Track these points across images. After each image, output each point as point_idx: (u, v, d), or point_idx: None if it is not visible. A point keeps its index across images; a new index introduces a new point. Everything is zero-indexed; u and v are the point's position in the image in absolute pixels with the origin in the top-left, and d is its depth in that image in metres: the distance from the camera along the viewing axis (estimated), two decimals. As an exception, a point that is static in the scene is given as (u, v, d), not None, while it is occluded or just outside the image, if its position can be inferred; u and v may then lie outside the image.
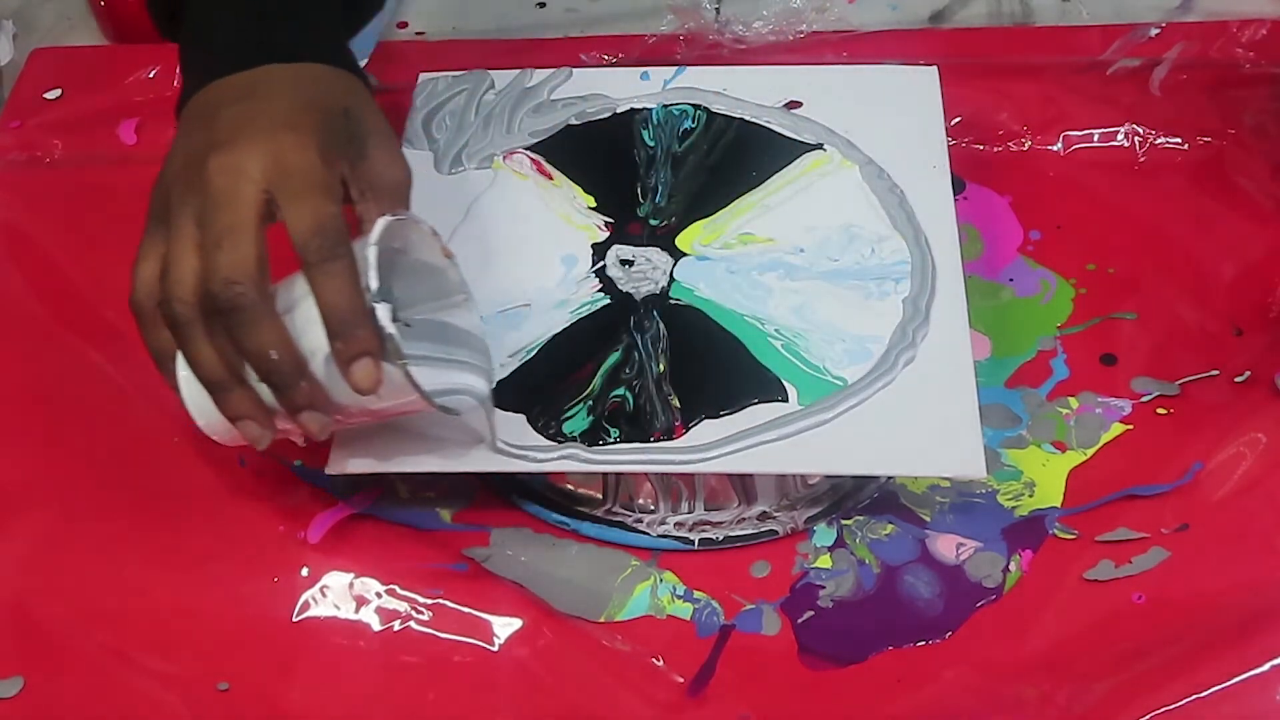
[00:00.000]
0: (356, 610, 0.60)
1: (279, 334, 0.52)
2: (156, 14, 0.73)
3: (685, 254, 0.66)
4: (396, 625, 0.59)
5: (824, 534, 0.61)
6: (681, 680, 0.58)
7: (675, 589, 0.60)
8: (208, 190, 0.53)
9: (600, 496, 0.62)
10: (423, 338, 0.57)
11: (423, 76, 0.74)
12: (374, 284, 0.52)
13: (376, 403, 0.54)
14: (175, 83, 0.76)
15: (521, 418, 0.60)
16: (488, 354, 0.59)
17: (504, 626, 0.59)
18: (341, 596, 0.60)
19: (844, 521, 0.62)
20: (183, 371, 0.55)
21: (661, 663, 0.58)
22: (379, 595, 0.60)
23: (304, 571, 0.60)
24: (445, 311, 0.59)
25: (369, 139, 0.57)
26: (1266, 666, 0.55)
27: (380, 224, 0.54)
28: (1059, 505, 0.61)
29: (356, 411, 0.55)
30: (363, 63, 0.74)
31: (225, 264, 0.51)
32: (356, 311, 0.52)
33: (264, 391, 0.54)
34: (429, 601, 0.60)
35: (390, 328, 0.52)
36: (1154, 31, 0.76)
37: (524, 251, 0.66)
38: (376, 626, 0.59)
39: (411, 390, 0.53)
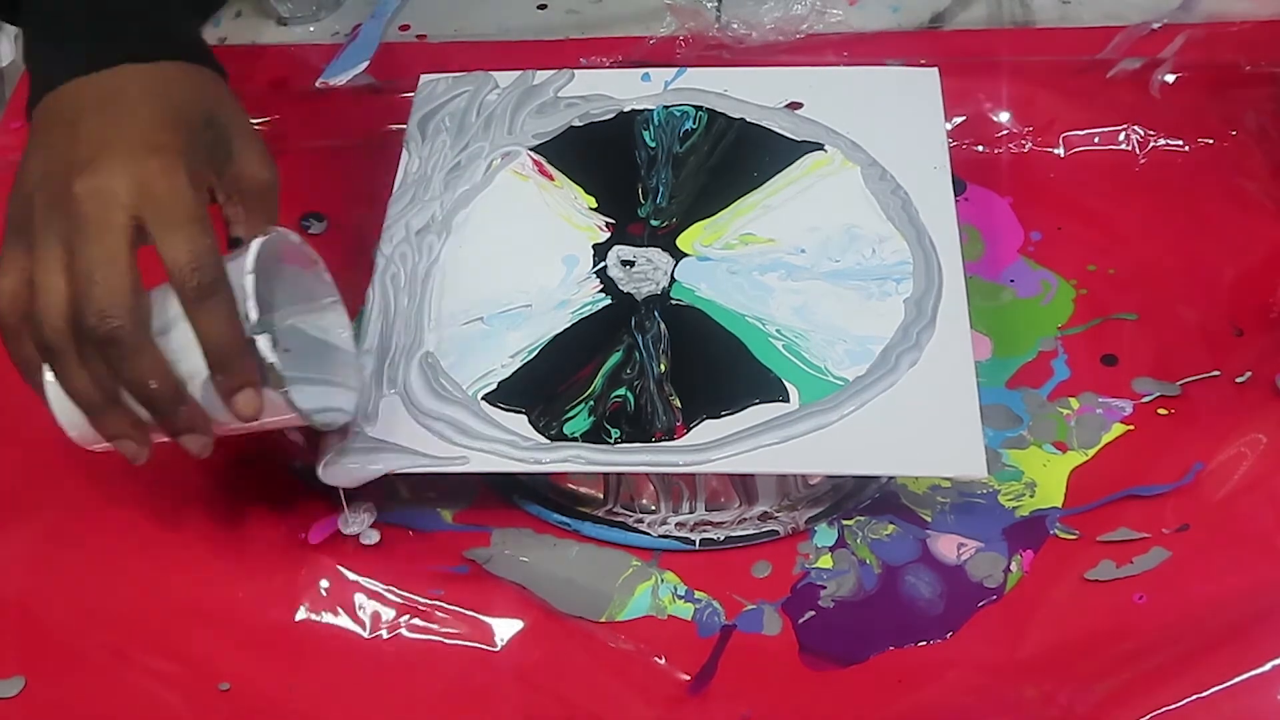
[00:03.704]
0: (357, 610, 0.60)
1: (157, 364, 0.52)
2: None
3: (686, 254, 0.66)
4: (397, 626, 0.59)
5: (825, 534, 0.61)
6: (683, 680, 0.58)
7: (676, 589, 0.60)
8: (76, 215, 0.51)
9: (601, 497, 0.62)
10: (298, 356, 0.58)
11: (423, 78, 0.74)
12: (254, 315, 0.52)
13: (255, 423, 0.54)
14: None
15: (522, 418, 0.60)
16: (359, 369, 0.60)
17: (505, 627, 0.59)
18: (342, 597, 0.60)
19: (845, 522, 0.62)
20: (52, 390, 0.54)
21: (663, 662, 0.58)
22: (379, 596, 0.60)
23: (304, 572, 0.60)
24: (316, 314, 0.59)
25: (234, 142, 0.57)
26: (1266, 666, 0.55)
27: (254, 247, 0.53)
28: (1060, 505, 0.61)
29: (235, 429, 0.55)
30: (364, 65, 0.75)
31: (99, 296, 0.50)
32: (237, 345, 0.52)
33: (140, 410, 0.53)
34: (430, 602, 0.59)
35: (271, 357, 0.53)
36: (1155, 25, 0.76)
37: (525, 252, 0.66)
38: (377, 627, 0.59)
39: (290, 411, 0.54)
